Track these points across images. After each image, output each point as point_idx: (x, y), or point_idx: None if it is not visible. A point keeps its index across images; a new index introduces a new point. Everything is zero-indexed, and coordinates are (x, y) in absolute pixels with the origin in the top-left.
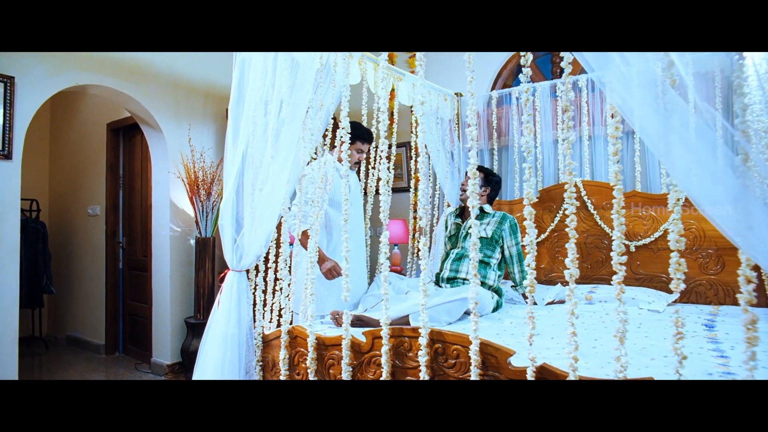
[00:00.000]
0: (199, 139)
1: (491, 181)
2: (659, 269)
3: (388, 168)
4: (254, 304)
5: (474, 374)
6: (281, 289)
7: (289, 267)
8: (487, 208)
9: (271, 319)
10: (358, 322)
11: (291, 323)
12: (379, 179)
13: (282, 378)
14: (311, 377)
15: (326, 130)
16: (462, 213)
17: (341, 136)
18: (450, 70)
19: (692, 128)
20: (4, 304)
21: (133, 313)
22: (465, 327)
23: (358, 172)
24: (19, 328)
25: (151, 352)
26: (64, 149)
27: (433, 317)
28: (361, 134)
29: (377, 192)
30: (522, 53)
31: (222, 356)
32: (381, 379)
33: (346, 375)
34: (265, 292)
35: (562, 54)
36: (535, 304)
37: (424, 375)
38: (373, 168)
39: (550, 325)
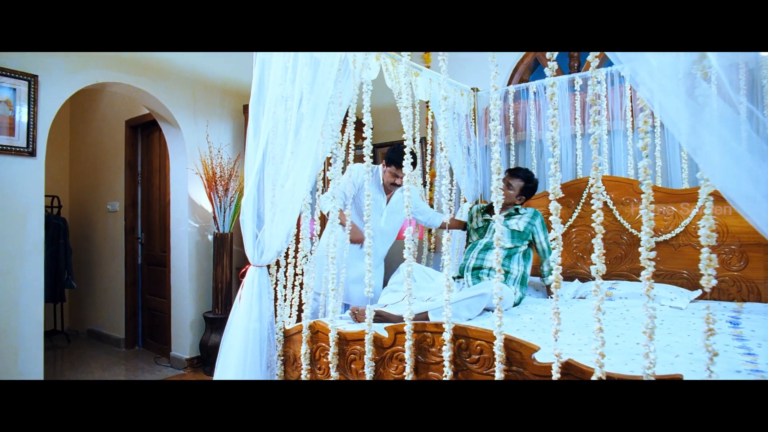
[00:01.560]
0: (216, 135)
1: (528, 188)
2: (680, 265)
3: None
4: (275, 299)
5: (498, 370)
6: (301, 284)
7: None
8: (519, 208)
9: (291, 314)
10: (377, 317)
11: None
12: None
13: (303, 372)
14: (333, 372)
15: (345, 125)
16: (490, 208)
17: (364, 147)
18: (465, 65)
19: (724, 122)
20: (30, 299)
21: (151, 308)
22: (485, 322)
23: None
24: None
25: (170, 346)
26: (83, 146)
27: (454, 313)
28: (396, 160)
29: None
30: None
31: (244, 350)
32: (404, 374)
33: (368, 370)
34: (285, 287)
35: None
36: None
37: (447, 370)
38: None
39: (570, 321)
